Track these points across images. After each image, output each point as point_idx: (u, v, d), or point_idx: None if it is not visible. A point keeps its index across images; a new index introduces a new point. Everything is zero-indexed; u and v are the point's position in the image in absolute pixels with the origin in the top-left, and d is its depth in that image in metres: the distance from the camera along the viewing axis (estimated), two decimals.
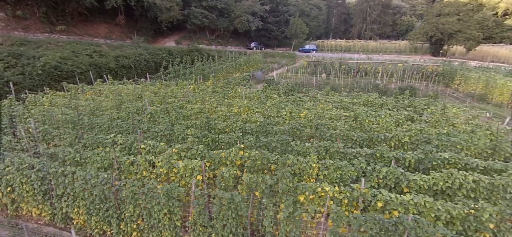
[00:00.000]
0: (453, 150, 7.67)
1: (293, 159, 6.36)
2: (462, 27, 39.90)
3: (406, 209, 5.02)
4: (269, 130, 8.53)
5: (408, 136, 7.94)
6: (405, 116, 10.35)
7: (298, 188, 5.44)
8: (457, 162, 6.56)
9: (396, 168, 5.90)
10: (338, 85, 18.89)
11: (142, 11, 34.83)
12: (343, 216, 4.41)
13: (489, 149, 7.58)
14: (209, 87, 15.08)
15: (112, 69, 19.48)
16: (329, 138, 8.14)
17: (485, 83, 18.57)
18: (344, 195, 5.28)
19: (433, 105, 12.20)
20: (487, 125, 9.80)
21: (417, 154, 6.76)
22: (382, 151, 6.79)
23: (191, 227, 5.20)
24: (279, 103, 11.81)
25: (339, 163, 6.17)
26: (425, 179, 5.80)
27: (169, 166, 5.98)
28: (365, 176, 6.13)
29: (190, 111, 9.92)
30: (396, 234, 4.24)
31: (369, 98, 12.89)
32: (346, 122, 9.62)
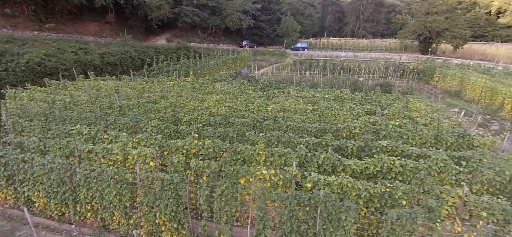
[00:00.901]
0: (400, 140, 8.24)
1: (242, 147, 6.87)
2: (450, 26, 40.51)
3: (331, 189, 5.55)
4: (231, 122, 9.04)
5: (358, 127, 8.48)
6: (366, 110, 10.90)
7: (239, 172, 5.96)
8: (394, 150, 7.11)
9: (333, 155, 6.43)
10: (317, 82, 19.41)
11: (132, 9, 35.14)
12: (266, 193, 4.94)
13: (432, 138, 8.17)
14: (188, 84, 15.54)
15: (97, 66, 19.87)
16: (286, 129, 8.68)
17: (460, 80, 19.17)
18: (279, 177, 5.81)
19: (400, 100, 12.77)
20: (442, 118, 10.39)
21: (358, 142, 7.30)
22: (326, 140, 7.33)
23: (139, 207, 5.70)
24: (251, 98, 12.31)
25: (283, 150, 6.69)
26: (358, 164, 6.33)
27: (124, 154, 6.47)
28: (307, 162, 6.67)
29: (159, 105, 10.40)
30: (311, 207, 4.77)
31: (339, 94, 13.43)
32: (311, 115, 10.14)
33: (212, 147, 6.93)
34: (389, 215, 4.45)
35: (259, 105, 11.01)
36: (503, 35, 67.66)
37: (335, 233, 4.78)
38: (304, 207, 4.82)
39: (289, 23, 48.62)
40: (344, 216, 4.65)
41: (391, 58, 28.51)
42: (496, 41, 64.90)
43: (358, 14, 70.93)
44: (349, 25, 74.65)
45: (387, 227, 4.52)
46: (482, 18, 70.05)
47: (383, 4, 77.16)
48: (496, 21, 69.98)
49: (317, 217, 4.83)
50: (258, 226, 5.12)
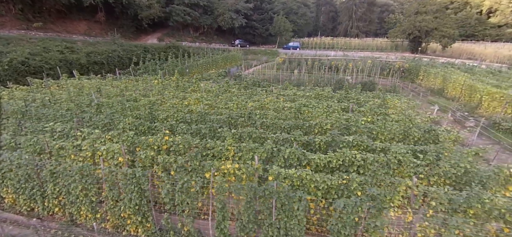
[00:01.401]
0: (371, 135, 8.51)
1: (212, 143, 7.05)
2: (439, 25, 41.14)
3: (292, 181, 5.76)
4: (207, 119, 9.20)
5: (329, 124, 8.72)
6: (343, 108, 11.16)
7: (205, 166, 6.13)
8: (359, 144, 7.35)
9: (297, 149, 6.63)
10: (303, 80, 19.65)
11: (122, 8, 34.98)
12: (223, 186, 5.12)
13: (400, 134, 8.44)
14: (173, 82, 15.64)
15: (83, 65, 19.83)
16: (260, 126, 8.87)
17: (443, 78, 19.58)
18: (243, 171, 5.99)
19: (378, 98, 13.05)
20: (415, 114, 10.69)
21: (325, 138, 7.52)
22: (295, 135, 7.53)
23: (105, 201, 5.84)
24: (231, 96, 12.48)
25: (251, 145, 6.88)
26: (322, 158, 6.55)
27: (93, 150, 6.59)
28: (274, 157, 6.86)
29: (139, 103, 10.50)
30: (266, 198, 4.97)
31: (320, 92, 13.66)
32: (287, 112, 10.35)
33: (182, 143, 7.08)
34: (336, 204, 4.67)
35: (238, 103, 11.19)
36: (493, 34, 68.77)
37: (289, 222, 4.98)
38: (260, 198, 5.02)
39: (281, 23, 48.84)
40: (296, 206, 4.85)
41: (379, 57, 28.91)
42: (486, 40, 65.97)
43: (350, 14, 71.50)
44: (342, 25, 75.21)
45: (335, 216, 4.73)
46: (472, 17, 71.05)
47: (376, 3, 77.84)
48: (486, 20, 71.05)
49: (273, 208, 5.03)
50: (218, 217, 5.31)
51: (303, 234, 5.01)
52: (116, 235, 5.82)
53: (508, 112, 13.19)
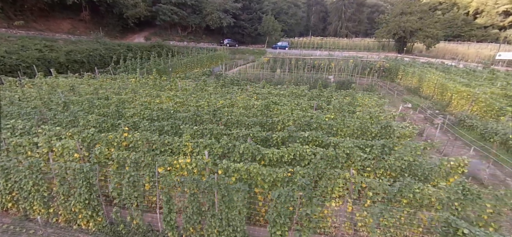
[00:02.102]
0: (329, 131, 8.82)
1: (170, 139, 7.21)
2: (423, 26, 42.06)
3: (240, 175, 5.98)
4: (174, 117, 9.35)
5: (291, 120, 8.98)
6: (312, 105, 11.45)
7: (157, 161, 6.29)
8: (315, 140, 7.63)
9: (251, 145, 6.86)
10: (283, 79, 19.93)
11: (107, 7, 34.66)
12: (168, 179, 5.30)
13: (358, 130, 8.76)
14: (150, 81, 15.69)
15: (62, 64, 19.67)
16: (225, 122, 9.07)
17: (418, 77, 20.14)
18: (194, 165, 6.18)
19: (349, 96, 13.42)
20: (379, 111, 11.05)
21: (283, 133, 7.77)
22: (254, 132, 7.76)
23: (56, 196, 5.95)
24: (205, 95, 12.64)
25: (207, 141, 7.07)
26: (275, 153, 6.79)
27: (49, 146, 6.68)
28: (230, 152, 7.07)
29: (109, 102, 10.57)
30: (208, 190, 5.17)
31: (293, 90, 13.95)
32: (254, 110, 10.58)
33: (141, 140, 7.22)
34: (272, 195, 4.91)
35: (209, 101, 11.37)
36: (479, 35, 70.38)
37: (230, 213, 5.20)
38: (203, 190, 5.22)
39: (270, 22, 49.10)
40: (236, 197, 5.07)
41: (362, 56, 29.46)
42: (472, 40, 67.55)
43: (340, 14, 72.39)
44: (332, 25, 76.06)
45: (272, 205, 4.97)
46: (459, 18, 72.63)
47: (365, 4, 78.95)
48: (473, 21, 72.67)
49: (215, 199, 5.24)
50: (165, 210, 5.48)
51: (244, 224, 5.23)
52: (68, 229, 5.93)
53: (473, 110, 13.73)
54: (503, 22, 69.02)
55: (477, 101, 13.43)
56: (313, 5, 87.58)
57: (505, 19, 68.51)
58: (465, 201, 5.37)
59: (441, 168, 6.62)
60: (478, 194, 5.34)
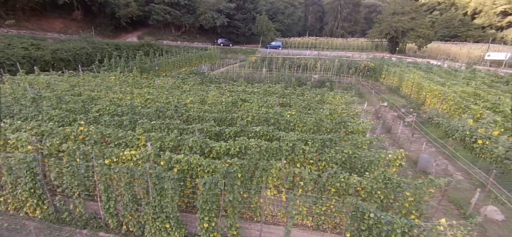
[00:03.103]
0: (287, 126, 9.10)
1: (124, 133, 7.50)
2: (414, 26, 42.23)
3: (181, 165, 6.26)
4: (136, 112, 9.65)
5: (250, 116, 9.26)
6: (281, 102, 11.74)
7: (105, 153, 6.59)
8: (266, 134, 7.90)
9: (199, 138, 7.14)
10: (265, 77, 20.20)
11: (100, 6, 35.03)
12: (104, 169, 5.59)
13: (314, 125, 9.04)
14: (130, 78, 16.02)
15: (48, 62, 20.02)
16: (186, 118, 9.36)
17: (399, 77, 20.37)
18: (138, 157, 6.47)
19: (320, 94, 13.69)
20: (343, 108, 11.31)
21: (235, 128, 8.06)
22: (206, 126, 8.05)
23: (5, 186, 6.25)
24: (176, 92, 12.95)
25: (159, 134, 7.36)
26: (222, 146, 7.07)
27: (4, 139, 6.99)
28: (180, 145, 7.36)
29: (80, 98, 10.89)
30: (142, 179, 5.47)
31: (267, 88, 14.23)
32: (220, 106, 10.87)
33: (96, 133, 7.52)
34: (199, 182, 5.19)
35: (179, 98, 11.67)
36: (476, 35, 70.25)
37: (163, 200, 5.49)
38: (137, 179, 5.51)
39: (264, 22, 49.41)
40: (166, 185, 5.36)
41: (349, 56, 29.70)
42: (469, 41, 67.51)
43: (336, 14, 72.53)
44: (328, 25, 76.23)
45: (200, 192, 5.25)
46: (456, 18, 72.61)
47: (361, 4, 79.09)
48: (470, 22, 72.56)
49: (148, 188, 5.53)
50: (104, 198, 5.78)
51: (176, 211, 5.51)
52: (16, 216, 6.23)
53: (443, 108, 13.95)
54: (501, 23, 68.80)
55: (446, 99, 13.66)
56: (310, 5, 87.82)
57: (503, 20, 68.28)
58: (386, 190, 5.63)
59: (379, 160, 6.88)
60: (398, 183, 5.61)
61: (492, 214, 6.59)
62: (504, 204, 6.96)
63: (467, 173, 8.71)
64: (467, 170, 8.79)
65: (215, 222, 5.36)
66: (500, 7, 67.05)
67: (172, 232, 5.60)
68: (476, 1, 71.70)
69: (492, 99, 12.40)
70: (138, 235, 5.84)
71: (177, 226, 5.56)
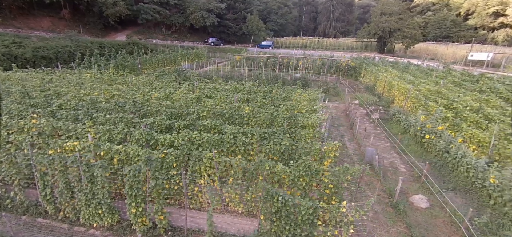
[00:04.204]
0: (242, 121, 9.44)
1: (74, 126, 7.81)
2: (402, 26, 42.73)
3: (119, 155, 6.57)
4: (97, 107, 9.95)
5: (206, 111, 9.59)
6: (247, 98, 12.09)
7: (49, 145, 6.89)
8: (215, 127, 8.24)
9: (144, 131, 7.46)
10: (242, 75, 20.54)
11: (88, 5, 35.21)
12: (39, 158, 5.89)
13: (268, 120, 9.38)
14: (105, 75, 16.30)
15: (29, 59, 20.23)
16: (144, 113, 9.68)
17: (374, 76, 20.77)
18: (79, 148, 6.77)
19: (287, 91, 14.05)
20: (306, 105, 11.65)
21: (185, 121, 8.38)
22: (158, 120, 8.37)
23: None
24: (145, 88, 13.25)
25: (107, 127, 7.68)
26: (167, 138, 7.39)
27: None
28: (128, 137, 7.67)
29: (46, 93, 11.17)
30: (74, 166, 5.77)
31: (237, 86, 14.57)
32: (183, 102, 11.19)
33: (47, 126, 7.82)
34: (124, 170, 5.51)
35: (144, 94, 11.98)
36: (467, 36, 70.82)
37: (94, 187, 5.80)
38: (69, 167, 5.81)
39: (254, 22, 49.76)
40: (96, 173, 5.67)
41: (332, 56, 30.10)
42: (460, 41, 68.06)
43: (328, 14, 73.09)
44: (321, 25, 76.72)
45: (126, 179, 5.57)
46: (448, 19, 73.29)
47: (354, 4, 79.72)
48: (461, 22, 73.13)
49: (81, 176, 5.83)
50: (40, 185, 6.08)
51: (107, 197, 5.82)
52: None
53: (408, 105, 14.34)
54: (493, 23, 69.35)
55: (410, 97, 14.06)
56: (304, 5, 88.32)
57: (495, 20, 68.84)
58: (307, 177, 5.98)
59: (315, 152, 7.24)
60: (317, 171, 5.96)
61: (418, 202, 6.96)
62: (433, 193, 7.33)
63: (411, 166, 9.09)
64: (411, 163, 9.16)
65: (143, 207, 5.68)
66: (493, 8, 67.62)
67: (104, 218, 5.91)
68: (469, 2, 72.25)
69: (451, 97, 12.80)
70: (74, 220, 6.15)
71: (109, 212, 5.88)
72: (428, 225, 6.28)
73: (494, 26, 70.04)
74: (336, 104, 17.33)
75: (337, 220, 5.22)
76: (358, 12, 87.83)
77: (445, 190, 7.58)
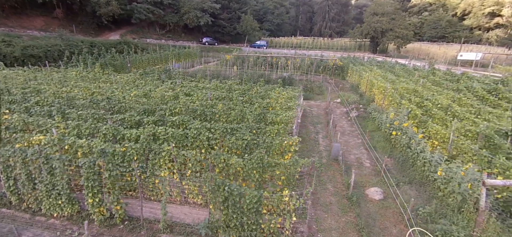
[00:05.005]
0: (212, 117, 9.70)
1: (44, 121, 8.07)
2: (394, 26, 43.03)
3: (83, 149, 6.83)
4: (72, 104, 10.21)
5: (178, 108, 9.85)
6: (224, 96, 12.37)
7: (16, 139, 7.15)
8: (183, 123, 8.51)
9: (111, 126, 7.72)
10: (229, 74, 20.81)
11: (81, 5, 35.42)
12: (1, 151, 6.15)
13: (239, 117, 9.65)
14: (90, 73, 16.55)
15: (18, 58, 20.47)
16: (118, 109, 9.94)
17: (358, 75, 21.06)
18: (44, 142, 7.02)
19: (268, 90, 14.32)
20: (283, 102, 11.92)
21: (154, 117, 8.65)
22: (127, 116, 8.64)
23: None
24: (124, 86, 13.52)
25: (76, 122, 7.94)
26: (133, 133, 7.65)
27: None
28: (96, 132, 7.93)
29: (22, 90, 11.42)
30: (32, 160, 6.03)
31: (217, 84, 14.84)
32: (159, 99, 11.46)
33: (18, 121, 8.08)
34: (80, 163, 5.77)
35: (123, 91, 12.23)
36: (463, 36, 71.09)
37: (54, 179, 6.06)
38: (32, 160, 6.07)
39: (248, 22, 50.05)
40: (54, 165, 5.93)
41: (322, 55, 30.38)
42: (456, 41, 68.32)
43: (324, 14, 73.33)
44: (317, 25, 76.99)
45: (82, 171, 5.83)
46: (443, 19, 73.60)
47: (350, 4, 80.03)
48: (457, 23, 73.38)
49: (42, 168, 6.09)
50: (3, 177, 6.33)
51: (67, 188, 6.07)
52: None
53: (385, 103, 14.62)
54: (488, 24, 69.60)
55: (387, 95, 14.33)
56: (301, 6, 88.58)
57: (490, 21, 69.11)
58: (260, 169, 6.24)
59: (275, 146, 7.51)
60: (269, 164, 6.23)
61: (373, 194, 7.23)
62: (389, 186, 7.60)
63: (376, 161, 9.36)
64: (375, 159, 9.43)
65: (100, 198, 5.94)
66: (488, 8, 67.82)
67: (65, 208, 6.17)
68: (466, 2, 72.53)
69: (425, 95, 13.08)
70: (37, 210, 6.41)
71: (69, 202, 6.14)
72: (377, 215, 6.55)
73: (490, 27, 70.31)
74: (319, 103, 17.60)
75: (281, 209, 5.49)
76: (355, 12, 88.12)
77: (402, 183, 7.85)
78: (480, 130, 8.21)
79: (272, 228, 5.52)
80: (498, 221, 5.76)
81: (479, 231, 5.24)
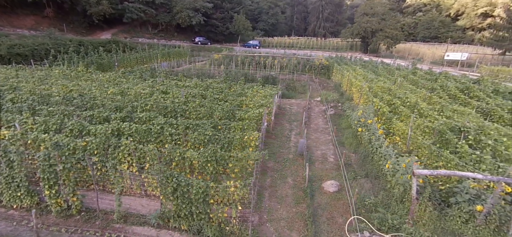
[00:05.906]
0: (183, 114, 9.95)
1: (12, 116, 8.28)
2: (384, 27, 43.49)
3: (45, 143, 7.06)
4: (46, 101, 10.42)
5: (150, 105, 10.11)
6: (201, 93, 12.63)
7: None
8: (149, 119, 8.76)
9: (77, 122, 7.97)
10: (214, 73, 21.07)
11: (71, 4, 35.48)
12: None
13: (208, 114, 9.93)
14: (72, 72, 16.73)
15: (4, 57, 20.58)
16: (91, 106, 10.17)
17: (341, 74, 21.41)
18: (9, 136, 7.25)
19: (246, 88, 14.61)
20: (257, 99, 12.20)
21: (122, 114, 8.90)
22: (96, 112, 8.88)
23: None
24: (103, 84, 13.74)
25: (44, 118, 8.17)
26: (99, 128, 7.89)
27: None
28: (63, 128, 8.17)
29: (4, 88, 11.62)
30: None
31: (198, 82, 15.10)
32: (134, 96, 11.70)
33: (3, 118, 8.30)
34: (36, 155, 6.00)
35: (101, 89, 12.46)
36: (455, 36, 71.80)
37: (12, 172, 6.29)
38: None
39: (241, 22, 50.30)
40: (12, 158, 6.16)
41: (311, 54, 30.73)
42: (448, 42, 68.83)
43: (318, 14, 73.69)
44: (311, 25, 77.38)
45: (38, 163, 6.07)
46: (436, 20, 74.20)
47: (344, 4, 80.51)
48: (450, 23, 73.99)
49: (2, 162, 6.32)
50: None
51: (25, 181, 6.30)
52: None
53: (362, 101, 14.96)
54: (481, 24, 70.28)
55: (362, 94, 14.68)
56: (296, 5, 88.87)
57: (483, 21, 69.80)
58: (214, 162, 6.52)
59: (237, 141, 7.79)
60: (223, 156, 6.51)
61: (329, 187, 7.54)
62: (346, 180, 7.91)
63: (340, 156, 9.67)
64: (339, 154, 9.74)
65: (56, 189, 6.17)
66: (481, 9, 68.46)
67: (24, 199, 6.40)
68: (459, 2, 73.21)
69: (397, 94, 13.44)
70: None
71: (28, 194, 6.37)
72: (327, 206, 6.86)
73: (483, 27, 71.01)
74: (299, 101, 17.91)
75: (226, 200, 5.77)
76: (350, 12, 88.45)
77: (359, 177, 8.17)
78: (434, 126, 8.55)
79: (220, 217, 5.80)
80: (436, 210, 6.09)
81: (410, 219, 5.56)
